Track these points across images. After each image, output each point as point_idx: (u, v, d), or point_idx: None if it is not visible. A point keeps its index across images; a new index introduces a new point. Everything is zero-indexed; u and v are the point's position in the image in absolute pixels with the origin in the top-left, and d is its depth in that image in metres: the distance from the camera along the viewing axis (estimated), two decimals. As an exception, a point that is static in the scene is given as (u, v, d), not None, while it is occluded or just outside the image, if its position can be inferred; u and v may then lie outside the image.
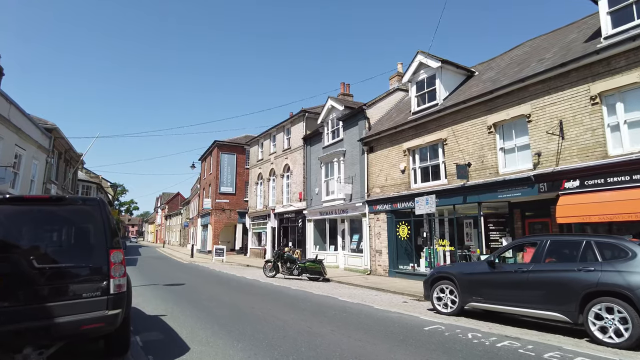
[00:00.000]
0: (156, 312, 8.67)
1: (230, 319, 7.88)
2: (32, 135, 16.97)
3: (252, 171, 33.35)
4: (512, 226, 13.39)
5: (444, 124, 14.85)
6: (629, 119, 9.92)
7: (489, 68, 15.78)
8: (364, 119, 19.05)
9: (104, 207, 4.80)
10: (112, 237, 4.68)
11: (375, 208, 17.60)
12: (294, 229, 25.43)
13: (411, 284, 14.30)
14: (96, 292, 4.41)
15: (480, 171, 13.44)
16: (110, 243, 4.63)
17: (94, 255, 4.56)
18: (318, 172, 22.72)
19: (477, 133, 13.68)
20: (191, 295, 11.37)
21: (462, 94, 14.89)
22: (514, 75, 13.04)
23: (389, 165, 17.21)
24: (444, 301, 8.54)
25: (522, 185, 12.06)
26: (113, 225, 4.83)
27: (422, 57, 16.02)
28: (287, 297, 10.99)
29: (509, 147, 12.86)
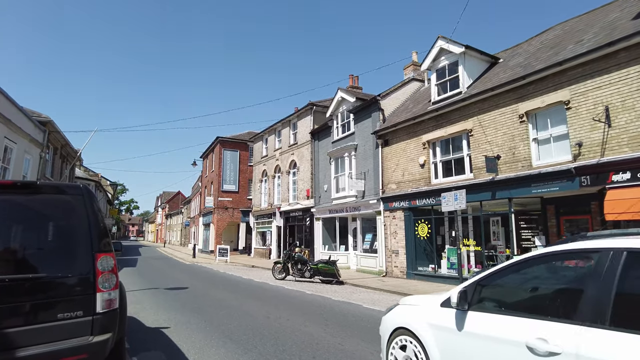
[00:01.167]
0: (157, 323, 7.53)
1: (244, 332, 6.75)
2: (24, 128, 15.83)
3: (256, 168, 32.20)
4: (546, 224, 12.27)
5: (468, 113, 13.70)
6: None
7: (515, 54, 14.62)
8: (377, 110, 17.89)
9: (90, 198, 3.67)
10: (99, 238, 3.56)
11: (391, 205, 16.45)
12: (301, 228, 24.29)
13: (434, 287, 13.17)
14: (77, 312, 3.29)
15: (511, 164, 12.30)
16: (98, 245, 3.51)
17: (74, 261, 3.45)
18: (327, 168, 21.56)
19: (506, 123, 12.53)
20: (196, 301, 10.24)
21: (487, 81, 13.74)
22: (548, 59, 11.89)
23: (406, 159, 16.05)
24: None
25: (560, 178, 10.92)
26: (102, 221, 3.70)
27: (443, 43, 14.86)
28: (304, 304, 9.85)
29: (544, 137, 11.72)
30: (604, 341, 2.37)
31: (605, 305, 2.48)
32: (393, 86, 18.75)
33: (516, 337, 2.82)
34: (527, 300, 3.28)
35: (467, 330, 3.26)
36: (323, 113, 23.23)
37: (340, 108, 20.85)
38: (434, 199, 14.55)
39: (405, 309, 4.23)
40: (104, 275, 3.46)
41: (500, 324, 3.02)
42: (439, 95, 15.21)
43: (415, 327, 3.80)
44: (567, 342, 2.52)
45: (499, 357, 2.94)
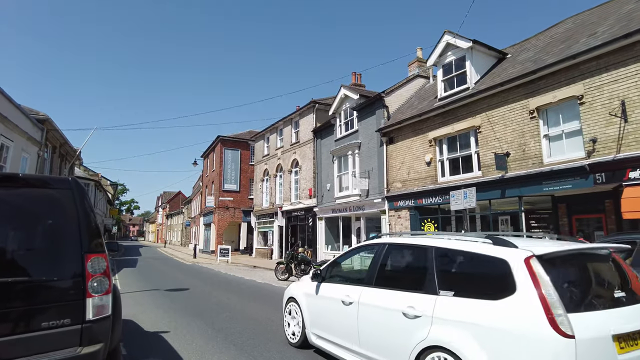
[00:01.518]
0: (157, 326, 7.18)
1: (249, 338, 6.39)
2: (21, 126, 15.48)
3: (257, 167, 31.85)
4: (557, 223, 11.89)
5: (476, 109, 13.34)
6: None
7: (524, 49, 14.25)
8: (382, 107, 17.52)
9: (80, 193, 3.31)
10: (90, 237, 3.20)
11: (397, 204, 16.09)
12: (304, 228, 23.94)
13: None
14: (64, 320, 2.94)
15: (521, 161, 11.94)
16: (88, 245, 3.16)
17: (61, 263, 3.10)
18: (330, 167, 21.21)
19: (516, 119, 12.18)
20: (197, 303, 9.88)
21: (496, 76, 13.38)
22: (559, 53, 11.52)
23: (411, 157, 15.69)
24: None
25: (573, 176, 10.57)
26: (93, 219, 3.34)
27: (450, 38, 14.50)
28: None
29: (555, 133, 11.35)
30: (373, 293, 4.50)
31: (373, 275, 4.72)
32: (397, 83, 18.39)
33: (337, 295, 5.02)
34: (347, 274, 5.84)
35: (320, 294, 5.48)
36: (325, 111, 22.88)
37: (344, 106, 20.49)
38: (440, 197, 14.19)
39: (294, 285, 6.49)
40: (95, 278, 3.11)
41: (334, 289, 5.25)
42: (445, 92, 14.85)
43: (297, 294, 6.12)
44: (358, 295, 4.64)
45: (331, 307, 5.14)
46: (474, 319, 3.39)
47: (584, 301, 3.24)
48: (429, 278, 3.99)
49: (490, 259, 3.54)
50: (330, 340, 5.13)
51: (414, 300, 3.93)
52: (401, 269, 4.79)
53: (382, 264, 4.74)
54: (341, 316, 4.88)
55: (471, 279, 3.81)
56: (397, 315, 4.01)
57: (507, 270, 3.33)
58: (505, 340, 3.13)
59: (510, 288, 3.26)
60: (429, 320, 3.70)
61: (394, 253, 4.79)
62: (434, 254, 4.09)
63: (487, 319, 3.30)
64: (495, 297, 3.36)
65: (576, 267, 3.57)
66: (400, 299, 4.09)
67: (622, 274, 3.69)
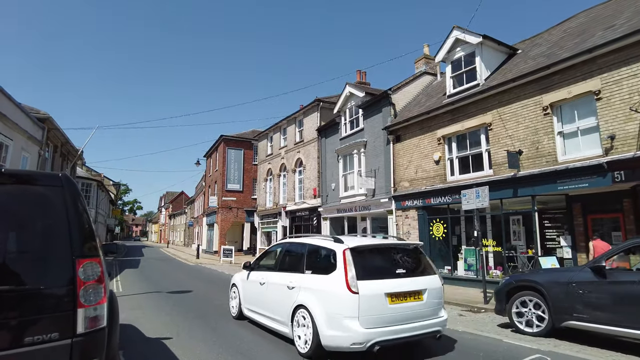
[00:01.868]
0: (159, 332, 6.84)
1: (256, 345, 6.06)
2: (21, 124, 15.21)
3: (260, 167, 31.51)
4: (571, 223, 11.50)
5: (487, 106, 12.95)
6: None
7: (535, 44, 13.86)
8: (388, 105, 17.15)
9: (71, 191, 2.97)
10: (82, 239, 2.86)
11: (404, 204, 15.71)
12: (308, 228, 23.57)
13: (452, 290, 12.44)
14: (51, 334, 2.60)
15: (534, 159, 11.56)
16: (80, 248, 2.82)
17: (48, 269, 2.76)
18: (335, 166, 20.85)
19: (529, 116, 11.79)
20: (201, 306, 9.55)
21: (507, 72, 12.99)
22: (574, 47, 11.13)
23: (419, 155, 15.31)
24: (526, 317, 6.66)
25: (589, 174, 10.17)
26: (86, 220, 3.00)
27: (459, 33, 14.12)
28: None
29: (570, 130, 10.96)
30: (274, 275, 6.68)
31: (276, 263, 6.97)
32: (404, 80, 18.01)
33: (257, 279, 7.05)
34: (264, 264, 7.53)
35: (249, 280, 7.53)
36: (330, 109, 22.53)
37: (349, 104, 20.13)
38: (450, 197, 13.82)
39: (236, 274, 8.49)
40: (87, 286, 2.77)
41: (256, 275, 7.26)
42: (454, 88, 14.46)
43: (236, 281, 8.22)
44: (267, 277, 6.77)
45: (254, 288, 7.22)
46: (317, 287, 5.54)
47: (369, 273, 5.31)
48: (301, 263, 6.18)
49: (330, 250, 5.72)
50: (253, 310, 7.30)
51: (292, 278, 6.09)
52: (288, 258, 6.85)
53: (280, 256, 7.06)
54: (258, 292, 7.13)
55: (320, 262, 5.93)
56: (284, 288, 6.17)
57: (335, 256, 5.50)
58: (329, 297, 5.29)
59: (334, 266, 5.42)
60: (298, 289, 5.84)
61: (287, 249, 7.06)
62: (306, 249, 6.30)
63: (323, 286, 5.45)
64: (328, 272, 5.48)
65: (372, 254, 5.78)
66: (286, 278, 6.25)
67: (417, 259, 6.13)
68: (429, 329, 5.49)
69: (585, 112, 10.63)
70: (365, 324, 5.03)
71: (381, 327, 5.12)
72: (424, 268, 5.99)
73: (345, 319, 5.05)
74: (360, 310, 5.04)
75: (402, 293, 5.36)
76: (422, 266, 6.01)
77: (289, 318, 5.89)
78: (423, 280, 5.68)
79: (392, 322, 5.22)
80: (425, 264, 6.10)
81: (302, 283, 5.80)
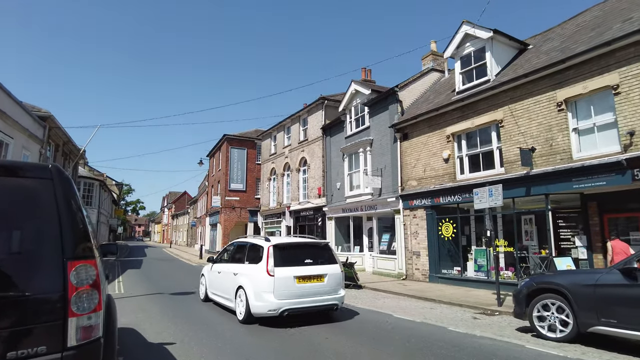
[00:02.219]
0: (161, 337, 6.53)
1: (264, 350, 5.73)
2: (22, 123, 14.94)
3: (264, 166, 31.20)
4: (587, 223, 11.13)
5: (498, 102, 12.60)
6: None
7: (547, 39, 13.49)
8: (395, 102, 16.80)
9: (63, 185, 2.66)
10: (75, 239, 2.55)
11: (412, 203, 15.36)
12: (312, 228, 23.24)
13: (462, 291, 12.12)
14: (38, 347, 2.29)
15: (548, 157, 11.19)
16: (72, 249, 2.50)
17: (36, 273, 2.44)
18: (340, 165, 20.51)
19: (542, 112, 11.43)
20: (204, 309, 9.24)
21: (519, 68, 12.64)
22: (590, 41, 10.76)
23: (427, 153, 14.96)
24: (549, 322, 6.30)
25: (607, 172, 9.80)
26: (80, 217, 2.68)
27: (469, 28, 13.77)
28: (325, 312, 8.78)
29: (585, 126, 10.60)
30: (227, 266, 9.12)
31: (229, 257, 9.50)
32: (411, 77, 17.65)
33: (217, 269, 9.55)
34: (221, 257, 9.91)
35: (213, 270, 9.82)
36: (335, 108, 22.18)
37: (354, 101, 19.79)
38: (459, 196, 13.47)
39: (205, 267, 10.69)
40: (80, 292, 2.45)
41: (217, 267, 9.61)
42: (464, 85, 14.11)
43: (204, 271, 10.59)
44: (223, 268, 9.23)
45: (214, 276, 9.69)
46: (250, 272, 7.76)
47: (284, 262, 7.48)
48: (243, 256, 8.47)
49: (260, 247, 7.94)
50: (214, 293, 9.69)
51: (237, 267, 8.42)
52: (236, 253, 9.11)
53: (231, 252, 9.49)
54: (217, 280, 9.54)
55: (254, 255, 8.05)
56: (232, 275, 8.48)
57: (262, 251, 7.71)
58: (256, 279, 7.47)
59: (261, 258, 7.63)
60: (240, 275, 8.05)
61: (236, 245, 9.40)
62: (248, 245, 8.64)
63: (253, 271, 7.66)
64: (257, 262, 7.69)
65: (289, 249, 7.90)
66: (233, 267, 8.59)
67: (324, 252, 8.21)
68: (327, 302, 7.80)
69: (602, 107, 10.27)
70: (278, 297, 7.31)
71: (290, 300, 7.38)
72: (328, 259, 8.19)
73: (264, 294, 7.33)
74: (274, 287, 7.32)
75: (307, 276, 7.67)
76: (327, 258, 8.22)
77: (233, 296, 8.22)
78: (325, 268, 7.92)
79: (298, 296, 7.48)
80: (330, 256, 8.30)
81: (242, 270, 8.19)
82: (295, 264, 7.61)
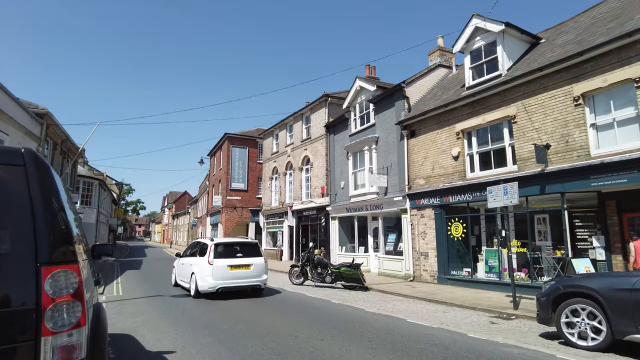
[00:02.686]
0: (161, 344, 6.07)
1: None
2: (18, 119, 14.50)
3: (265, 165, 30.74)
4: (605, 222, 10.65)
5: (511, 98, 12.14)
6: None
7: (561, 32, 13.02)
8: (402, 98, 16.33)
9: (39, 173, 2.21)
10: (52, 241, 2.09)
11: (419, 203, 14.89)
12: (315, 228, 22.79)
13: (472, 294, 11.66)
14: None
15: (564, 154, 10.73)
16: (48, 252, 2.04)
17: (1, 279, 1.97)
18: (344, 164, 20.05)
19: (557, 107, 10.96)
20: (207, 313, 8.77)
21: (532, 62, 12.17)
22: (609, 32, 10.29)
23: (436, 151, 14.49)
24: (579, 328, 5.84)
25: (628, 169, 9.35)
26: (61, 214, 2.23)
27: (479, 21, 13.31)
28: (335, 317, 8.31)
29: (604, 122, 10.14)
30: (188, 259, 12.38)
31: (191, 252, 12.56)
32: (418, 73, 17.17)
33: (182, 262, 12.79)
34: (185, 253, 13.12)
35: (179, 263, 13.12)
36: (339, 105, 21.73)
37: (359, 98, 19.32)
38: (470, 194, 13.01)
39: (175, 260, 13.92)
40: (59, 304, 2.00)
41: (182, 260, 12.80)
42: (474, 80, 13.64)
43: (175, 264, 13.78)
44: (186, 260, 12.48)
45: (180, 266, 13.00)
46: (198, 262, 11.07)
47: (221, 255, 10.88)
48: (197, 251, 11.81)
49: (206, 244, 11.43)
50: (180, 279, 12.69)
51: (192, 259, 11.56)
52: (194, 249, 12.21)
53: (191, 248, 12.63)
54: (181, 269, 12.65)
55: (202, 250, 11.49)
56: (189, 265, 11.66)
57: (207, 247, 11.11)
58: (201, 267, 10.83)
59: (206, 252, 10.98)
60: (194, 265, 11.24)
61: (194, 244, 12.67)
62: (200, 243, 12.13)
63: (200, 262, 10.96)
64: (203, 255, 11.11)
65: (226, 246, 11.24)
66: (190, 260, 11.73)
67: (253, 248, 11.63)
68: (252, 283, 11.19)
69: (622, 101, 9.80)
70: (215, 279, 10.60)
71: (223, 281, 10.69)
72: (255, 253, 11.50)
73: (206, 277, 10.63)
74: (213, 272, 10.61)
75: (237, 265, 10.99)
76: (255, 252, 11.54)
77: (189, 279, 11.55)
78: (252, 260, 11.22)
79: (230, 279, 10.80)
80: (257, 251, 11.65)
81: (195, 261, 11.39)
82: (229, 256, 11.00)
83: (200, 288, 10.60)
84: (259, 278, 11.18)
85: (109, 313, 8.64)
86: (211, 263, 10.56)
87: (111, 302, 10.14)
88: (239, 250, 11.21)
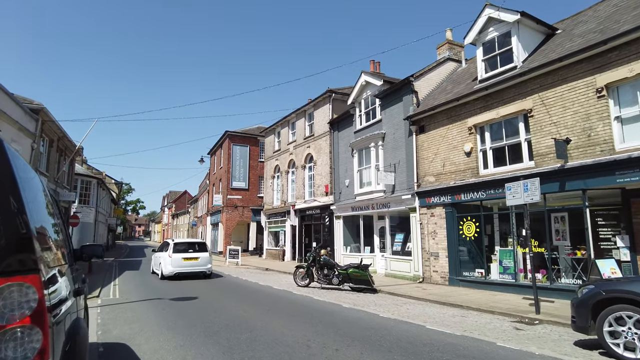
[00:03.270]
0: (159, 355, 5.48)
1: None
2: (11, 114, 13.93)
3: (267, 164, 30.14)
4: (629, 221, 10.06)
5: (527, 90, 11.56)
6: None
7: (579, 22, 12.45)
8: (410, 93, 15.74)
9: None
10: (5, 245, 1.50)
11: (429, 201, 14.31)
12: (319, 228, 22.20)
13: (487, 296, 11.09)
14: None
15: (585, 148, 10.15)
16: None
17: None
18: (349, 161, 19.46)
19: (578, 99, 10.38)
20: (208, 318, 8.18)
21: (549, 52, 11.59)
22: (635, 19, 9.71)
23: (447, 147, 13.90)
24: (624, 338, 5.25)
25: (657, 164, 8.75)
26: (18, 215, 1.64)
27: (492, 11, 12.73)
28: (349, 324, 7.70)
29: (630, 114, 9.56)
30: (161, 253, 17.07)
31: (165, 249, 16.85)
32: (427, 66, 16.58)
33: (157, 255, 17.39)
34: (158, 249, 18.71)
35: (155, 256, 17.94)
36: (343, 101, 21.15)
37: (364, 93, 18.73)
38: (483, 192, 12.43)
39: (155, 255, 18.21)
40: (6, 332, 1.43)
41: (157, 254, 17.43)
42: (487, 72, 13.06)
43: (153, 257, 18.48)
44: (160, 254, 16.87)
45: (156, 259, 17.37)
46: (163, 255, 15.98)
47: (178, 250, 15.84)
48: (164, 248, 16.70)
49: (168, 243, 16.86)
50: (154, 267, 17.45)
51: (160, 254, 16.65)
52: (162, 247, 17.45)
53: (161, 246, 17.91)
54: (155, 260, 17.44)
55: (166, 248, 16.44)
56: (158, 257, 16.66)
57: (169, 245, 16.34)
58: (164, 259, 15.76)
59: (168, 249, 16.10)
60: (160, 257, 16.38)
61: (164, 244, 17.66)
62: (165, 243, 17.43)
63: (164, 255, 15.92)
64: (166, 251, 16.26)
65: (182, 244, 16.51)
66: (159, 254, 16.81)
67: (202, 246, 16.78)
68: (200, 269, 15.89)
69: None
70: (173, 267, 15.34)
71: (179, 268, 15.40)
72: (203, 249, 16.36)
73: (167, 265, 15.34)
74: (172, 262, 15.36)
75: (189, 257, 15.71)
76: (203, 248, 16.42)
77: (158, 267, 16.06)
78: (200, 254, 16.03)
79: (184, 267, 15.50)
80: (204, 248, 16.55)
81: (162, 255, 16.08)
82: (184, 251, 15.79)
83: (164, 272, 15.34)
84: (205, 266, 16.03)
85: (105, 318, 8.07)
86: (171, 256, 15.45)
87: (108, 306, 9.57)
88: (191, 247, 16.24)
